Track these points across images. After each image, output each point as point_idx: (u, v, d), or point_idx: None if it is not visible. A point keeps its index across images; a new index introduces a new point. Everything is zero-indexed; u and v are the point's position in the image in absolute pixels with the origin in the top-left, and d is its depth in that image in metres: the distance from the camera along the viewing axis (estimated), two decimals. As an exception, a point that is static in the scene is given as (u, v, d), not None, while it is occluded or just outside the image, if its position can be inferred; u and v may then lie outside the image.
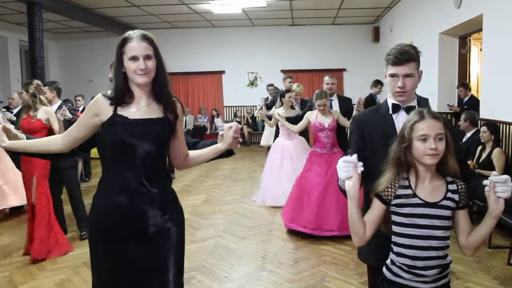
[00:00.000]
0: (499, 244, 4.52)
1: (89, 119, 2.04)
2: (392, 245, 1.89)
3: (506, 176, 1.71)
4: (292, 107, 6.50)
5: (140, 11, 10.60)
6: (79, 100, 9.14)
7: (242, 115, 13.24)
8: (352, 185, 1.78)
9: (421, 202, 1.80)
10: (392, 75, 2.11)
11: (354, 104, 4.77)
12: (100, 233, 2.05)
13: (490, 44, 5.76)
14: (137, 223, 1.99)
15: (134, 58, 1.96)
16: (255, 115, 5.76)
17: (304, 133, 6.53)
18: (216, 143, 2.24)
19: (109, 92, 2.04)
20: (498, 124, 5.25)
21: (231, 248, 4.70)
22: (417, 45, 6.95)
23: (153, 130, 1.99)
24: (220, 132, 2.18)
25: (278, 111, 6.33)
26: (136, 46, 1.97)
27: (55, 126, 4.59)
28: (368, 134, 2.18)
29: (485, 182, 1.74)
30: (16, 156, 4.81)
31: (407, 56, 2.06)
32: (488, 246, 4.51)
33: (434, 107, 7.43)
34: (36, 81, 4.68)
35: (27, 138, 2.20)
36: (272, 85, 9.86)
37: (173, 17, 11.60)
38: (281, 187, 6.16)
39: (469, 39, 7.53)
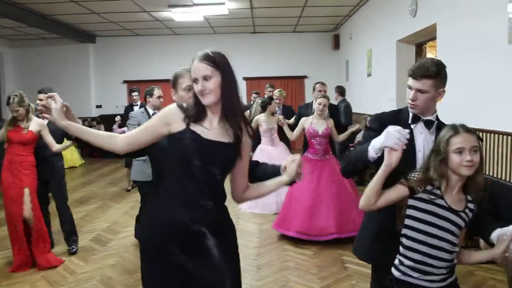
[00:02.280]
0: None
1: (158, 127, 1.99)
2: (402, 241, 1.97)
3: None
4: (273, 114, 6.55)
5: (100, 18, 10.45)
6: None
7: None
8: (395, 160, 1.86)
9: (446, 205, 1.90)
10: (408, 87, 2.16)
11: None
12: (155, 248, 1.99)
13: (443, 51, 5.95)
14: (194, 240, 1.95)
15: (195, 80, 1.95)
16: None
17: (286, 139, 6.57)
18: (276, 169, 2.17)
19: (184, 104, 2.01)
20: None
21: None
22: (376, 52, 7.10)
23: (221, 154, 1.96)
24: (283, 164, 2.09)
25: (261, 118, 6.40)
26: (195, 68, 1.95)
27: (48, 138, 4.48)
28: None
29: (503, 232, 1.88)
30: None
31: (423, 72, 2.09)
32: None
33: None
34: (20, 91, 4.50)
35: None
36: (257, 93, 9.91)
37: (134, 24, 11.49)
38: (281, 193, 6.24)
39: (425, 47, 7.76)
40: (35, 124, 4.45)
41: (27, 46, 12.99)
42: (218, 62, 1.94)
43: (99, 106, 13.30)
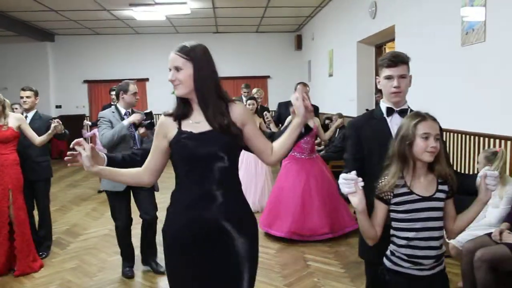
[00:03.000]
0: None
1: (161, 144, 2.04)
2: (393, 239, 2.01)
3: (496, 173, 1.94)
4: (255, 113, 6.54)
5: (58, 16, 10.19)
6: (16, 109, 8.57)
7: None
8: (358, 202, 1.87)
9: (418, 197, 1.93)
10: (388, 77, 2.24)
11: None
12: (178, 247, 2.02)
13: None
14: (213, 233, 1.97)
15: (170, 70, 2.00)
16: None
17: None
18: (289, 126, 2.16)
19: (170, 110, 2.04)
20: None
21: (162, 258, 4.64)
22: (337, 53, 7.24)
23: (219, 141, 1.96)
24: (291, 108, 2.10)
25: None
26: (170, 58, 2.01)
27: (29, 132, 4.33)
28: (365, 139, 2.27)
29: (480, 173, 1.95)
30: None
31: (400, 58, 2.23)
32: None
33: (354, 111, 7.77)
34: None
35: (107, 156, 2.14)
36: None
37: (94, 23, 11.26)
38: (257, 192, 6.31)
39: (384, 48, 7.94)
40: (14, 120, 4.27)
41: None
42: (192, 54, 1.99)
43: (58, 107, 12.97)
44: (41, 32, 11.97)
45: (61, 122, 4.42)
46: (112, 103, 7.93)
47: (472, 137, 4.43)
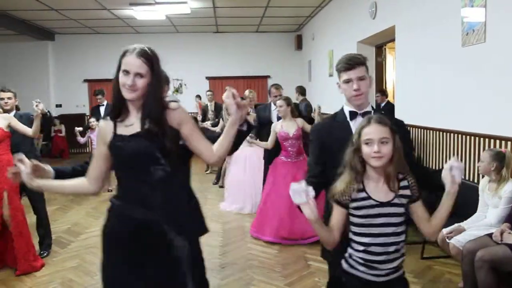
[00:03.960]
0: (414, 240, 4.79)
1: (101, 150, 2.06)
2: (351, 242, 1.98)
3: (462, 165, 1.90)
4: (248, 114, 6.48)
5: (58, 15, 10.20)
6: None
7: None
8: (310, 212, 1.82)
9: (375, 202, 1.90)
10: (347, 81, 2.21)
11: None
12: (113, 247, 2.04)
13: (402, 53, 6.13)
14: (151, 237, 1.97)
15: (126, 72, 1.95)
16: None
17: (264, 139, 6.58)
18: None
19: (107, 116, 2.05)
20: (410, 128, 5.60)
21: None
22: (337, 53, 7.26)
23: (155, 141, 1.96)
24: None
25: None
26: (130, 61, 1.95)
27: (19, 126, 4.30)
28: (328, 143, 2.25)
29: (446, 165, 1.89)
30: None
31: (356, 60, 2.21)
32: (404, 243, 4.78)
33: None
34: None
35: (55, 170, 2.20)
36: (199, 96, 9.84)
37: (94, 22, 11.27)
38: (247, 193, 6.33)
39: (385, 48, 7.96)
40: (1, 120, 4.23)
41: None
42: (154, 63, 1.99)
43: (59, 106, 12.98)
44: (41, 31, 11.97)
45: (40, 101, 4.40)
46: (100, 105, 7.95)
47: (472, 137, 4.44)
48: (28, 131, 4.36)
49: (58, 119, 12.32)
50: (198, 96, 11.46)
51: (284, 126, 5.19)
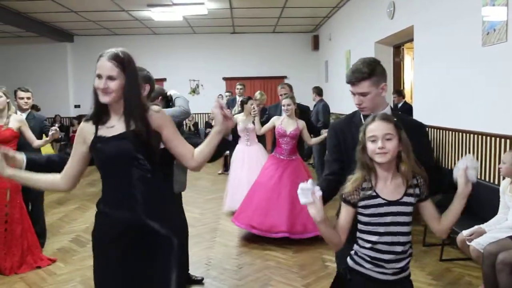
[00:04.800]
0: (432, 242, 4.76)
1: (80, 149, 2.09)
2: (357, 240, 1.98)
3: (478, 164, 1.87)
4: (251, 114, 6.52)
5: (78, 17, 10.33)
6: None
7: (185, 123, 13.14)
8: (316, 212, 1.80)
9: (384, 201, 1.90)
10: (352, 92, 2.23)
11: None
12: (102, 247, 2.08)
13: (420, 53, 6.07)
14: (135, 236, 2.01)
15: (99, 76, 1.99)
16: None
17: (261, 139, 6.63)
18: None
19: (89, 115, 2.09)
20: (428, 129, 5.55)
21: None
22: (355, 53, 7.21)
23: (136, 143, 1.99)
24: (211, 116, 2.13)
25: (239, 117, 6.33)
26: (102, 65, 1.99)
27: (28, 134, 4.39)
28: (344, 142, 2.27)
29: (458, 165, 1.87)
30: None
31: (358, 75, 2.18)
32: (422, 244, 4.75)
33: (371, 113, 7.72)
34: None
35: (28, 159, 2.21)
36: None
37: (112, 23, 11.38)
38: (245, 193, 6.26)
39: (403, 48, 7.90)
40: (14, 121, 4.32)
41: (3, 44, 12.75)
42: (126, 65, 2.02)
43: (77, 106, 13.14)
44: (60, 33, 12.13)
45: (58, 130, 4.50)
46: None
47: (492, 138, 4.38)
48: (33, 141, 4.44)
49: (76, 120, 12.46)
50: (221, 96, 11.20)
51: (284, 123, 5.23)
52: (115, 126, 2.03)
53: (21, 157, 2.20)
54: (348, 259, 2.02)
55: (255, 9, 10.10)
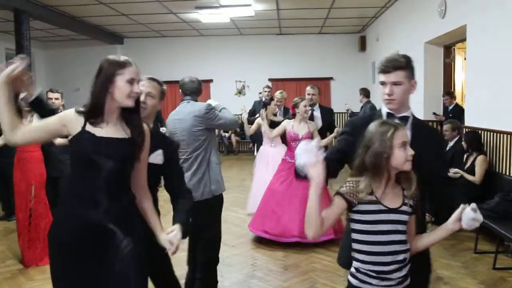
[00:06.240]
0: (484, 250, 4.59)
1: (52, 124, 2.07)
2: (354, 253, 1.91)
3: (480, 217, 1.81)
4: (275, 115, 6.51)
5: (127, 19, 10.62)
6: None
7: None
8: (319, 172, 1.76)
9: (385, 208, 1.84)
10: (382, 83, 2.15)
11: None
12: (60, 246, 2.06)
13: (473, 53, 5.87)
14: (97, 238, 2.00)
15: (131, 81, 2.05)
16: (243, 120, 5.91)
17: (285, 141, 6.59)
18: (178, 217, 2.35)
19: (81, 108, 2.08)
20: (481, 131, 5.37)
21: (221, 257, 4.70)
22: (403, 54, 6.93)
23: (118, 148, 2.03)
24: (169, 229, 2.16)
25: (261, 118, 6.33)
26: (136, 71, 2.10)
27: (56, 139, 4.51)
28: (360, 139, 2.20)
29: (469, 210, 1.82)
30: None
31: (394, 63, 2.10)
32: (474, 251, 4.59)
33: (420, 115, 7.55)
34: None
35: (39, 98, 2.26)
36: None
37: (161, 26, 11.63)
38: None
39: (454, 49, 7.67)
40: (37, 120, 4.50)
41: (57, 47, 13.29)
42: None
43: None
44: (111, 36, 12.51)
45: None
46: None
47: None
48: (54, 139, 4.53)
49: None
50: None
51: (295, 127, 5.19)
52: (104, 128, 2.04)
53: (37, 91, 2.21)
54: (350, 278, 1.93)
55: (302, 10, 10.06)
